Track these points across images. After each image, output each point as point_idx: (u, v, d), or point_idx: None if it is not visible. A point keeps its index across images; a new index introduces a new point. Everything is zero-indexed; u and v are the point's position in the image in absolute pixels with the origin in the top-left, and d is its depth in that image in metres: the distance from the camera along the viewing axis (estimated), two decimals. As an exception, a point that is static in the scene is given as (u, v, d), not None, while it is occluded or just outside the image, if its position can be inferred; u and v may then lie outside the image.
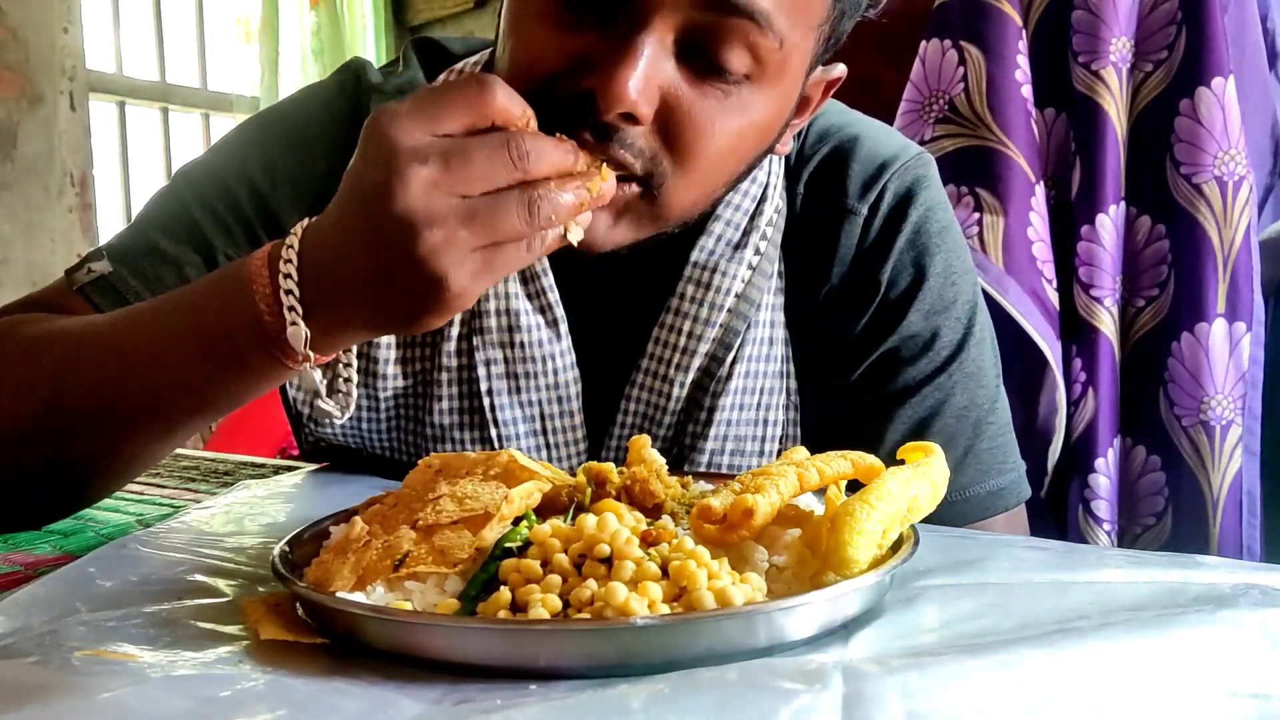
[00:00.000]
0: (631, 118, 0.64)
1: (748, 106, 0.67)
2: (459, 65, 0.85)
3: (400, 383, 0.83)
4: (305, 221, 0.59)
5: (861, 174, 0.83)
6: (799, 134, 0.85)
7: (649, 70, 0.63)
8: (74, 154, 3.15)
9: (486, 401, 0.81)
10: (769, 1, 0.63)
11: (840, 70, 0.77)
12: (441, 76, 0.85)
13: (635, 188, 0.67)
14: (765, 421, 0.83)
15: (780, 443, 0.84)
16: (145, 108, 3.63)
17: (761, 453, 0.83)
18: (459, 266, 0.54)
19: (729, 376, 0.80)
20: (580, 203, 0.57)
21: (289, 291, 0.57)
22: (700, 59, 0.65)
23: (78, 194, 3.16)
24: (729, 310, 0.80)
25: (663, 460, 0.58)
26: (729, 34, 0.64)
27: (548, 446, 0.82)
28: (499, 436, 0.82)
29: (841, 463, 0.56)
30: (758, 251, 0.81)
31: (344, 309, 0.57)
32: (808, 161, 0.84)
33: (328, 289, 0.57)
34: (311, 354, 0.58)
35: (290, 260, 0.57)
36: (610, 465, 0.58)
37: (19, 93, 3.02)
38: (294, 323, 0.56)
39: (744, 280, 0.80)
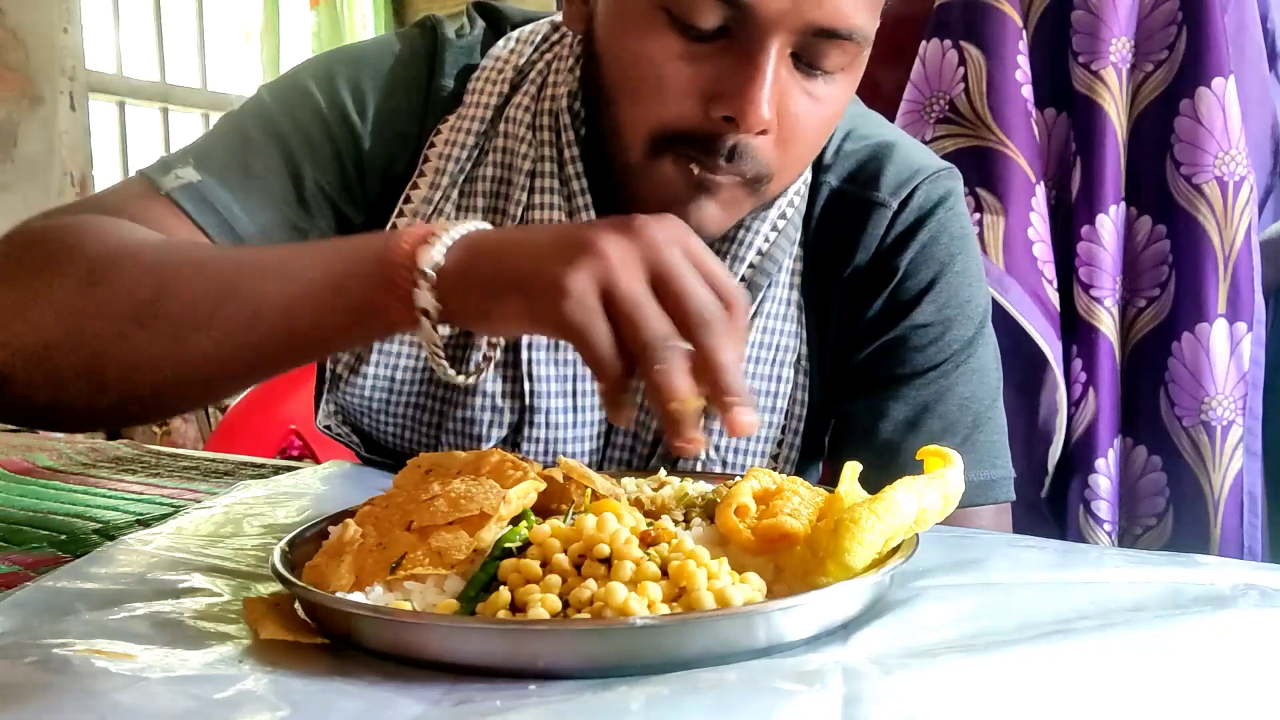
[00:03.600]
0: (762, 132, 0.72)
1: (839, 93, 0.76)
2: (516, 33, 0.89)
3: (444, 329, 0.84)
4: (467, 225, 0.60)
5: (896, 175, 0.87)
6: (836, 134, 0.89)
7: (774, 88, 0.70)
8: (74, 154, 3.15)
9: (525, 355, 0.83)
10: (864, 18, 0.71)
11: None
12: (500, 43, 0.88)
13: (741, 183, 0.75)
14: (778, 378, 0.86)
15: (789, 400, 0.87)
16: (145, 108, 3.64)
17: (773, 408, 0.86)
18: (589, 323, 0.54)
19: (749, 329, 0.83)
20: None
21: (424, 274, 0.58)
22: (806, 63, 0.72)
23: (78, 194, 3.16)
24: (751, 265, 0.84)
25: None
26: (832, 48, 0.72)
27: (574, 409, 0.84)
28: (531, 392, 0.83)
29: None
30: (783, 215, 0.85)
31: (479, 299, 0.58)
32: (847, 156, 0.88)
33: (472, 278, 0.58)
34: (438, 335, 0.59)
35: (441, 248, 0.58)
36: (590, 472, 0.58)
37: (19, 93, 3.02)
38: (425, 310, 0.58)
39: (767, 239, 0.84)
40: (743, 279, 0.84)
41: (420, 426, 0.87)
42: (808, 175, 0.86)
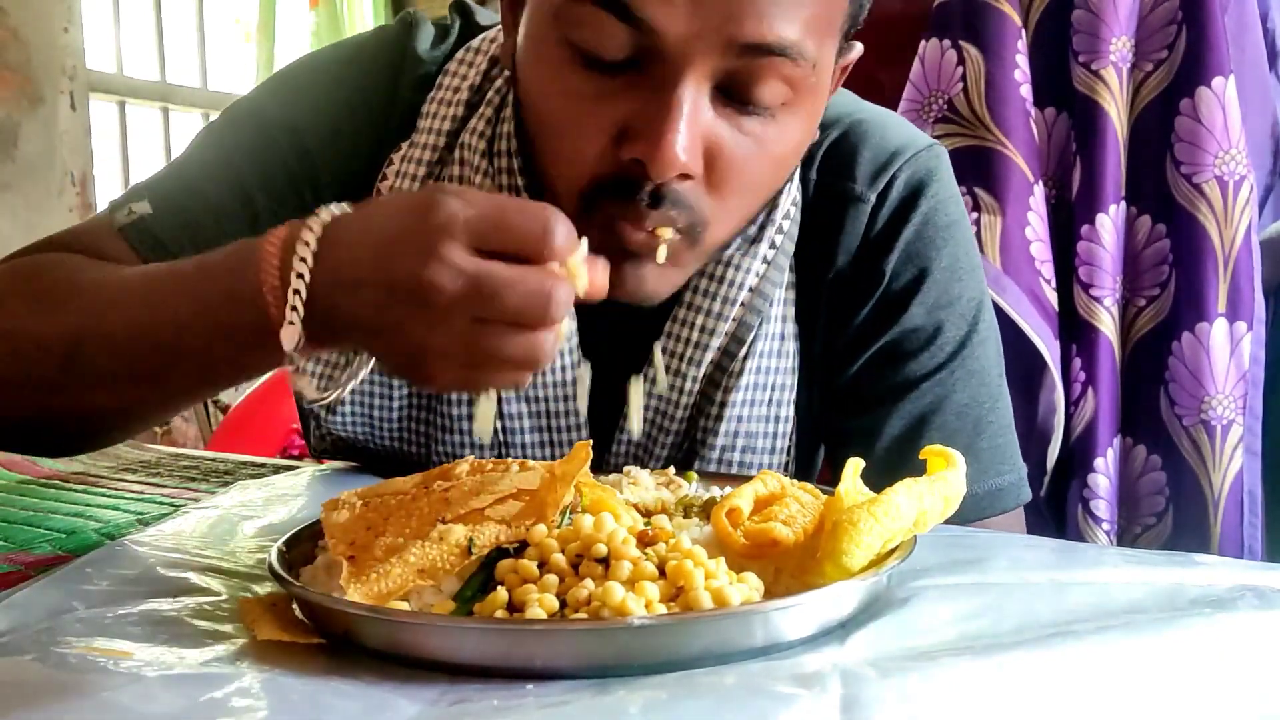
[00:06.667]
0: (683, 175, 0.64)
1: (785, 132, 0.67)
2: (475, 42, 0.83)
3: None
4: (326, 215, 0.55)
5: (872, 161, 0.81)
6: None
7: (691, 126, 0.62)
8: (74, 154, 3.15)
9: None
10: (798, 31, 0.62)
11: (857, 50, 0.75)
12: (457, 55, 0.82)
13: (679, 236, 0.67)
14: (777, 418, 0.82)
15: (790, 439, 0.82)
16: (145, 108, 3.64)
17: (772, 449, 0.82)
18: (445, 373, 0.53)
19: (741, 372, 0.79)
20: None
21: (296, 291, 0.53)
22: (736, 97, 0.65)
23: (78, 194, 3.16)
24: (742, 304, 0.78)
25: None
26: (763, 71, 0.63)
27: (551, 444, 0.81)
28: (504, 429, 0.80)
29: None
30: (773, 246, 0.79)
31: (340, 333, 0.55)
32: (818, 147, 0.82)
33: (331, 306, 0.54)
34: (298, 357, 0.56)
35: (305, 259, 0.54)
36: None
37: (19, 93, 3.02)
38: (291, 322, 0.54)
39: (758, 274, 0.79)
40: (734, 320, 0.78)
41: (409, 455, 0.85)
42: (797, 197, 0.81)
